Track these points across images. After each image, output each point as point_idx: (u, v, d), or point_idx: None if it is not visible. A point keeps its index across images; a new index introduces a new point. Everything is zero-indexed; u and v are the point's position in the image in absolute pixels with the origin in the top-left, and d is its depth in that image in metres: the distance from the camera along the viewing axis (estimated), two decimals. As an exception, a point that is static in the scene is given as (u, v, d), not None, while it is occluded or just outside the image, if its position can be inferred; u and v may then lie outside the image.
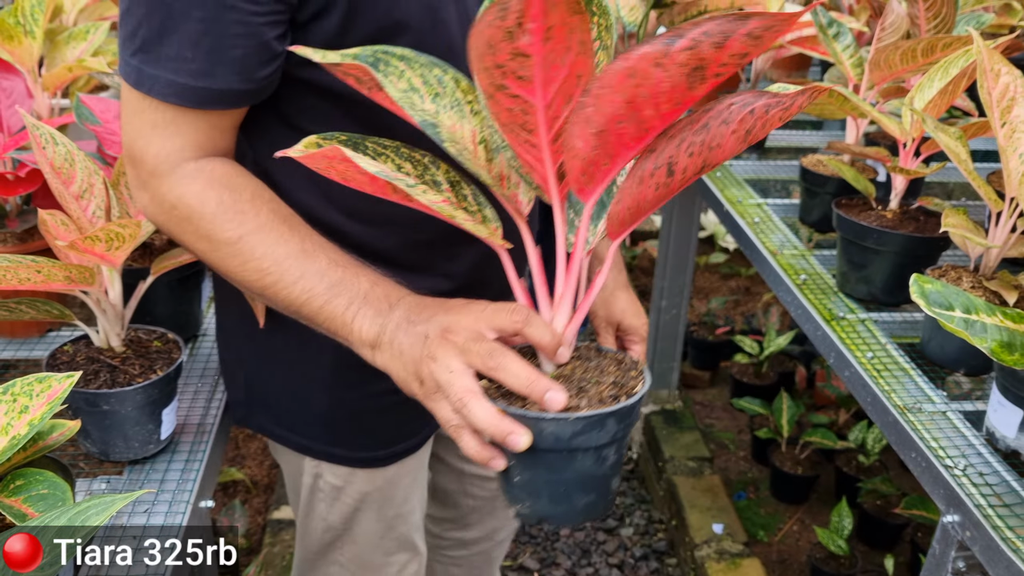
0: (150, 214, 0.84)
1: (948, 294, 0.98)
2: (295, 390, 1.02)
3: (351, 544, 1.13)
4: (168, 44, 0.76)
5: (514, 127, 0.65)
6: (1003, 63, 1.15)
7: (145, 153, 0.80)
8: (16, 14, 1.25)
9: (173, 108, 0.78)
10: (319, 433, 1.03)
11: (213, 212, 0.80)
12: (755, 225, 1.63)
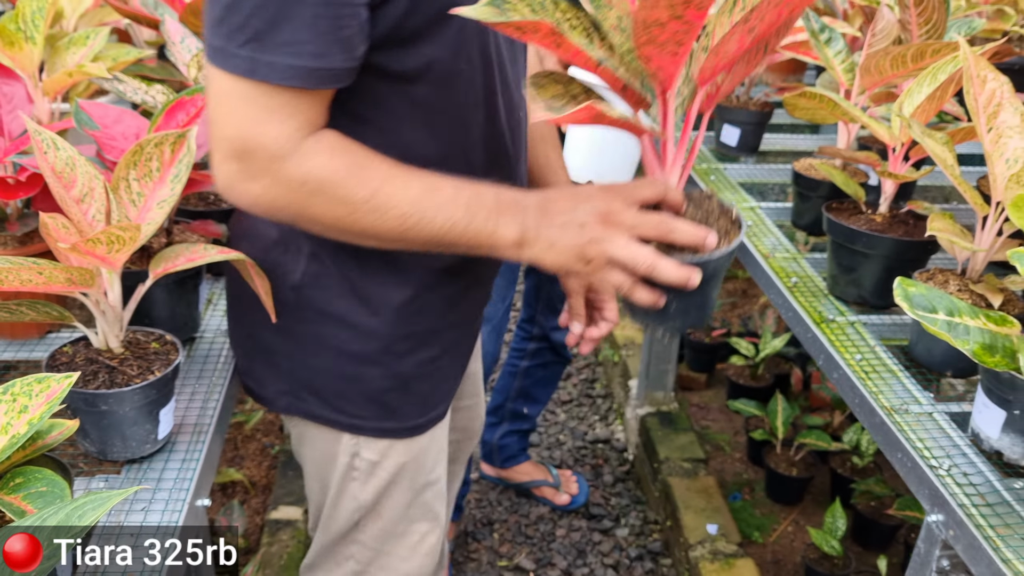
0: (270, 200, 0.86)
1: (932, 297, 1.00)
2: (345, 372, 1.06)
3: (376, 520, 1.17)
4: (284, 30, 0.80)
5: (669, 43, 0.78)
6: (989, 69, 1.17)
7: (263, 139, 0.83)
8: (17, 20, 1.27)
9: (289, 91, 0.82)
10: (369, 409, 1.08)
11: (344, 177, 0.85)
12: (748, 228, 1.65)
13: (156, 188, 1.00)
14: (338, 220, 0.87)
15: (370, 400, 1.07)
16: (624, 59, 0.87)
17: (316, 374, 1.07)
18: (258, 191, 0.86)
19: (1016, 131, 1.15)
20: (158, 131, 1.09)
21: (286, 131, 0.83)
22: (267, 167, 0.84)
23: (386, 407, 1.08)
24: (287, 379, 1.08)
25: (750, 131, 1.96)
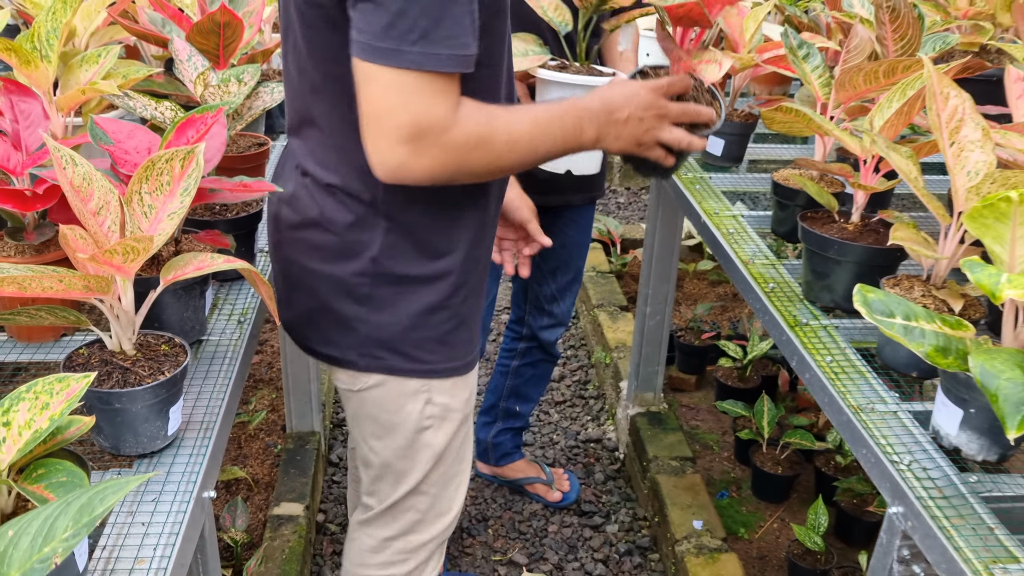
0: (440, 167, 1.06)
1: (890, 302, 1.07)
2: (417, 322, 1.25)
3: (440, 466, 1.36)
4: (443, 28, 0.99)
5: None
6: (952, 87, 1.24)
7: (433, 118, 1.02)
8: (33, 40, 1.34)
9: (448, 76, 1.02)
10: (438, 352, 1.28)
11: (488, 130, 1.08)
12: (729, 236, 1.72)
13: (167, 201, 1.07)
14: (489, 165, 1.10)
15: (439, 343, 1.27)
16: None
17: (392, 331, 1.25)
18: (428, 163, 1.05)
19: (977, 145, 1.22)
20: (169, 147, 1.16)
21: (448, 107, 1.03)
22: (437, 140, 1.03)
23: (451, 347, 1.29)
24: (365, 341, 1.25)
25: (734, 142, 2.03)
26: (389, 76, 1.00)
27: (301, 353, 2.29)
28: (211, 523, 1.12)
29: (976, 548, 0.98)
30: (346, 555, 1.49)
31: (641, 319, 2.40)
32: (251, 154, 1.59)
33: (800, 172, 1.61)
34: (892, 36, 1.77)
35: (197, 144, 1.09)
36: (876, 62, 1.55)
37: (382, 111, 1.02)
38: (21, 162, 1.21)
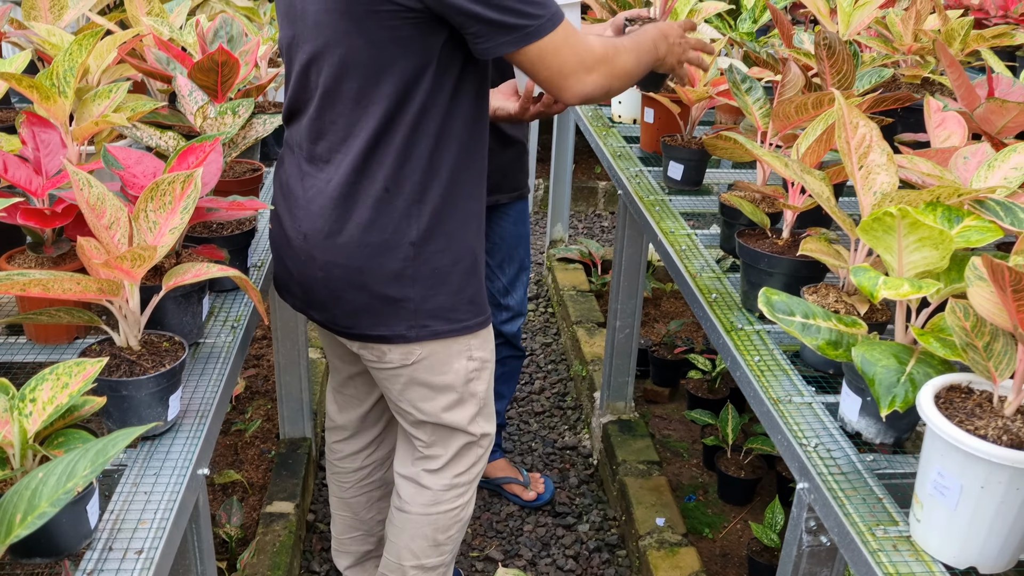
0: (605, 77, 1.46)
1: (792, 303, 1.23)
2: (454, 289, 1.56)
3: (485, 407, 1.72)
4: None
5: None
6: (860, 117, 1.41)
7: (586, 48, 1.43)
8: (52, 77, 1.52)
9: (565, 21, 1.40)
10: (471, 310, 1.59)
11: (612, 41, 1.50)
12: (682, 252, 1.88)
13: (169, 217, 1.24)
14: (624, 63, 1.50)
15: (471, 303, 1.59)
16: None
17: (435, 301, 1.54)
18: (598, 76, 1.45)
19: (883, 168, 1.39)
20: (172, 171, 1.33)
21: (584, 38, 1.43)
22: (590, 58, 1.43)
23: (478, 305, 1.61)
24: (414, 316, 1.54)
25: (692, 167, 2.20)
26: (545, 44, 1.37)
27: (294, 363, 2.46)
28: (204, 496, 1.28)
29: (863, 514, 1.14)
30: (412, 501, 1.77)
31: (612, 333, 2.57)
32: (246, 178, 1.76)
33: (739, 194, 1.77)
34: (830, 71, 1.95)
35: (196, 169, 1.26)
36: (806, 95, 1.72)
37: (560, 64, 1.41)
38: (42, 185, 1.38)
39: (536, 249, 4.20)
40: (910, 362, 1.13)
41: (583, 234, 4.34)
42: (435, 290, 1.54)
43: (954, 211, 1.27)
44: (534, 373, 3.18)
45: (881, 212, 1.18)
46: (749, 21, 2.78)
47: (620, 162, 2.42)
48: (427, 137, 1.45)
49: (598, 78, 1.45)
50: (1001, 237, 1.22)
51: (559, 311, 3.49)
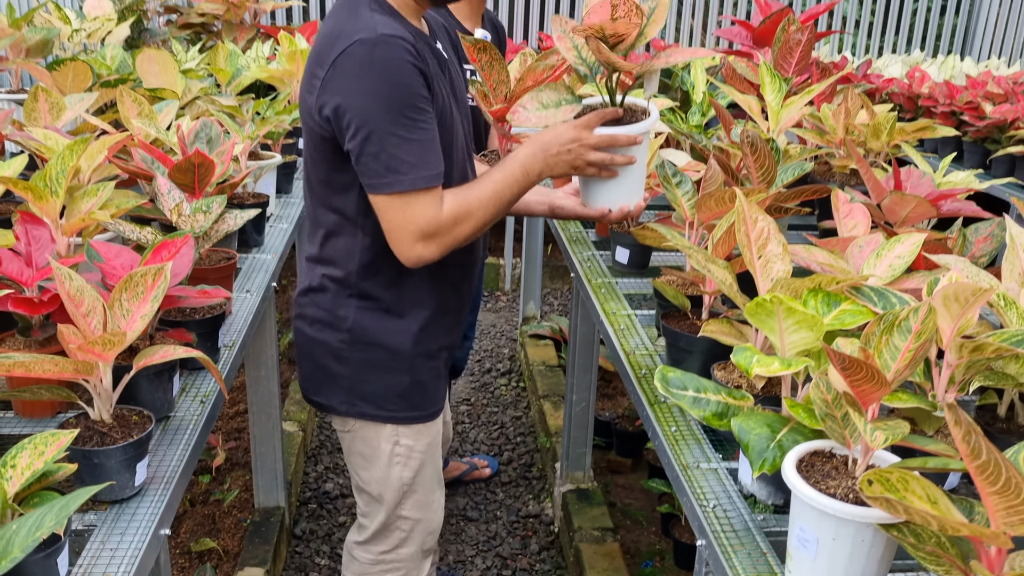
0: (442, 248, 1.53)
1: (686, 379, 1.40)
2: (386, 380, 1.69)
3: (413, 494, 1.79)
4: (423, 155, 1.47)
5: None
6: (759, 212, 1.59)
7: (431, 218, 1.50)
8: (45, 179, 1.71)
9: (430, 191, 1.49)
10: (401, 404, 1.71)
11: (470, 200, 1.54)
12: (620, 331, 2.05)
13: (141, 305, 1.41)
14: (476, 225, 1.55)
15: (400, 397, 1.70)
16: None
17: (366, 386, 1.69)
18: (436, 247, 1.52)
19: (779, 257, 1.57)
20: (147, 264, 1.51)
21: (436, 207, 1.50)
22: (438, 229, 1.51)
23: (412, 402, 1.72)
24: (346, 393, 1.70)
25: (638, 251, 2.39)
26: (397, 201, 1.48)
27: (269, 436, 2.61)
28: (166, 554, 1.42)
29: (747, 567, 1.28)
30: (345, 570, 1.90)
31: (569, 406, 2.72)
32: (220, 266, 1.94)
33: (666, 279, 1.95)
34: (754, 165, 2.15)
35: (166, 263, 1.44)
36: (723, 189, 1.91)
37: (400, 226, 1.50)
38: (32, 276, 1.56)
39: (511, 326, 4.37)
40: (782, 431, 1.29)
41: (558, 311, 4.52)
42: (366, 376, 1.69)
43: (833, 297, 1.44)
44: (503, 445, 3.32)
45: (761, 299, 1.36)
46: (698, 115, 2.99)
47: (575, 246, 2.60)
48: (368, 244, 1.62)
49: (437, 248, 1.53)
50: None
51: (529, 385, 3.65)
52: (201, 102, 2.70)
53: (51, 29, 2.88)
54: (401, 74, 1.44)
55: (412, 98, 1.46)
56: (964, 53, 6.16)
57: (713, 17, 5.85)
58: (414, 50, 1.47)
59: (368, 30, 1.45)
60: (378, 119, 1.44)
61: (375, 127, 1.44)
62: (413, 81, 1.46)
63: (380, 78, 1.43)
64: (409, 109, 1.45)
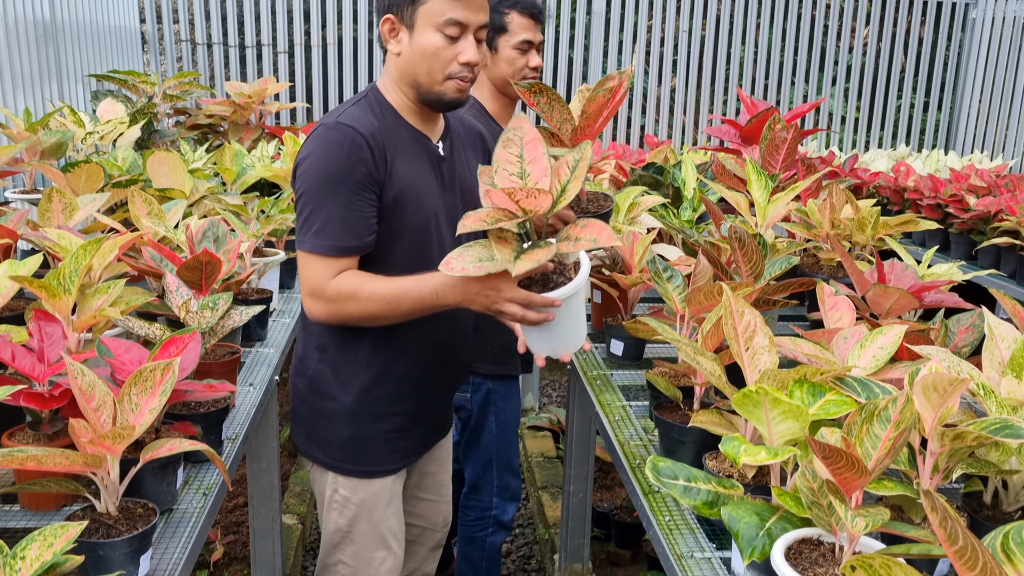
0: (328, 313, 1.71)
1: (676, 469, 1.44)
2: (331, 430, 1.85)
3: (351, 544, 1.91)
4: (328, 227, 1.66)
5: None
6: (745, 306, 1.65)
7: (318, 281, 1.68)
8: (58, 277, 1.78)
9: (329, 258, 1.68)
10: (341, 455, 1.86)
11: (362, 290, 1.67)
12: (615, 422, 2.09)
13: (149, 399, 1.46)
14: (362, 313, 1.68)
15: (342, 449, 1.85)
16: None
17: (318, 432, 1.87)
18: (321, 307, 1.71)
19: (765, 349, 1.62)
20: (155, 360, 1.57)
21: (329, 275, 1.68)
22: (322, 294, 1.69)
23: (350, 455, 1.86)
24: (306, 434, 1.90)
25: (632, 344, 2.44)
26: (304, 255, 1.69)
27: (268, 529, 2.62)
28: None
29: (740, 656, 1.30)
30: None
31: (567, 497, 2.73)
32: (225, 360, 1.99)
33: (658, 371, 2.00)
34: (743, 260, 2.22)
35: (174, 358, 1.50)
36: (712, 283, 1.98)
37: (301, 276, 1.72)
38: (43, 372, 1.61)
39: (511, 416, 4.39)
40: (771, 519, 1.32)
41: (556, 402, 4.55)
42: (318, 423, 1.87)
43: (818, 387, 1.49)
44: (503, 537, 3.31)
45: (748, 390, 1.41)
46: (689, 210, 3.09)
47: (570, 338, 2.66)
48: None
49: (323, 311, 1.71)
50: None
51: (527, 477, 3.65)
52: (208, 201, 2.79)
53: (65, 132, 3.00)
54: (339, 156, 1.66)
55: (342, 178, 1.66)
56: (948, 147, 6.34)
57: (704, 115, 6.04)
58: (364, 141, 1.67)
59: (332, 118, 1.71)
60: (309, 186, 1.68)
61: (305, 191, 1.69)
62: (350, 164, 1.66)
63: (322, 154, 1.67)
64: (336, 186, 1.66)
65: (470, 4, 1.70)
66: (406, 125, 1.81)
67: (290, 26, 5.43)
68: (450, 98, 1.76)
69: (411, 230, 1.78)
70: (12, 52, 3.38)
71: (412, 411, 1.91)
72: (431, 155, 1.84)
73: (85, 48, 4.17)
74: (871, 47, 6.11)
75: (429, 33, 1.70)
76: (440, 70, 1.72)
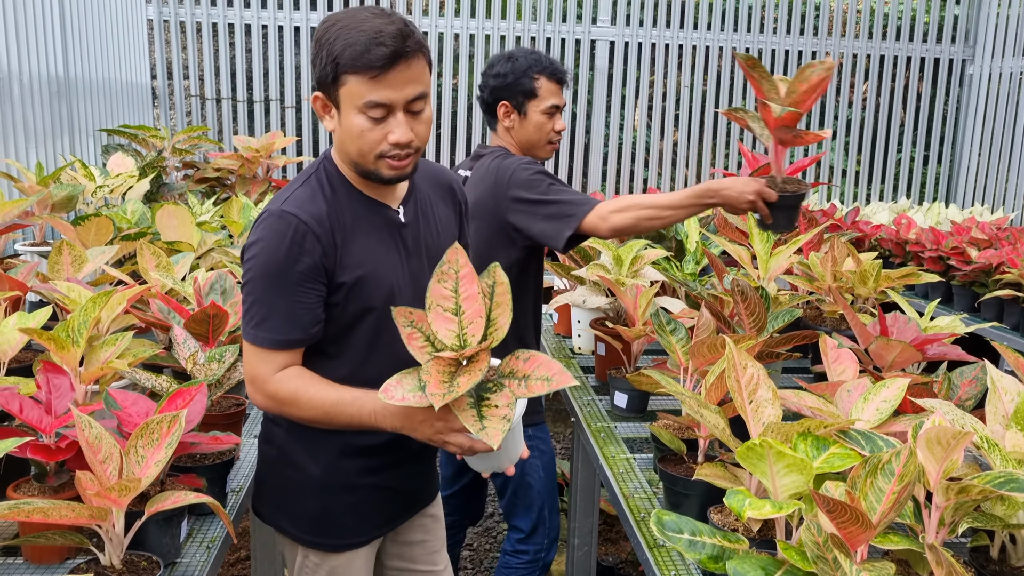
0: (265, 404, 1.63)
1: (681, 522, 1.43)
2: (298, 502, 1.78)
3: None
4: (270, 320, 1.59)
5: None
6: (748, 359, 1.66)
7: (259, 374, 1.61)
8: (67, 330, 1.80)
9: (272, 351, 1.61)
10: (310, 529, 1.78)
11: (301, 394, 1.60)
12: (619, 475, 2.09)
13: (155, 452, 1.47)
14: (300, 415, 1.62)
15: (311, 521, 1.77)
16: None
17: (284, 502, 1.79)
18: (260, 400, 1.64)
19: (768, 403, 1.63)
20: (162, 412, 1.58)
21: (270, 369, 1.61)
22: (262, 388, 1.62)
23: (319, 529, 1.78)
24: (272, 505, 1.82)
25: (636, 396, 2.45)
26: (245, 344, 1.63)
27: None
28: None
29: None
30: None
31: (571, 551, 2.71)
32: (230, 412, 2.00)
33: (662, 424, 2.01)
34: (745, 313, 2.24)
35: (181, 411, 1.51)
36: (715, 336, 1.99)
37: (244, 366, 1.65)
38: (50, 424, 1.62)
39: (515, 469, 4.37)
40: (776, 573, 1.32)
41: (560, 454, 4.53)
42: (286, 494, 1.79)
43: (822, 440, 1.49)
44: (507, 593, 3.27)
45: (752, 443, 1.41)
46: (692, 263, 3.12)
47: (575, 391, 2.67)
48: None
49: (264, 404, 1.64)
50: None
51: (532, 530, 3.62)
52: (215, 253, 2.82)
53: (76, 186, 3.05)
54: (280, 247, 1.58)
55: (285, 270, 1.58)
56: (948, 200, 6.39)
57: (705, 168, 6.10)
58: (308, 230, 1.59)
59: (277, 204, 1.63)
60: (252, 276, 1.61)
61: (248, 280, 1.62)
62: (292, 256, 1.58)
63: (264, 244, 1.59)
64: (279, 278, 1.58)
65: (391, 83, 1.54)
66: (360, 197, 1.69)
67: (298, 81, 5.53)
68: (387, 176, 1.64)
69: (370, 310, 1.68)
70: (26, 107, 3.44)
71: (382, 484, 1.81)
72: (391, 225, 1.72)
73: (97, 103, 4.25)
74: (870, 102, 6.19)
75: (353, 115, 1.57)
76: (370, 151, 1.60)
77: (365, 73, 1.53)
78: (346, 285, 1.63)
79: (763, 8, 5.96)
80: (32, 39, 3.50)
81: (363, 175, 1.67)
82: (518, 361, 1.55)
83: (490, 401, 1.49)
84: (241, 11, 5.39)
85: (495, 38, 5.69)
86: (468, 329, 1.53)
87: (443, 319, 1.53)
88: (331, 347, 1.68)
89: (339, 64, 1.53)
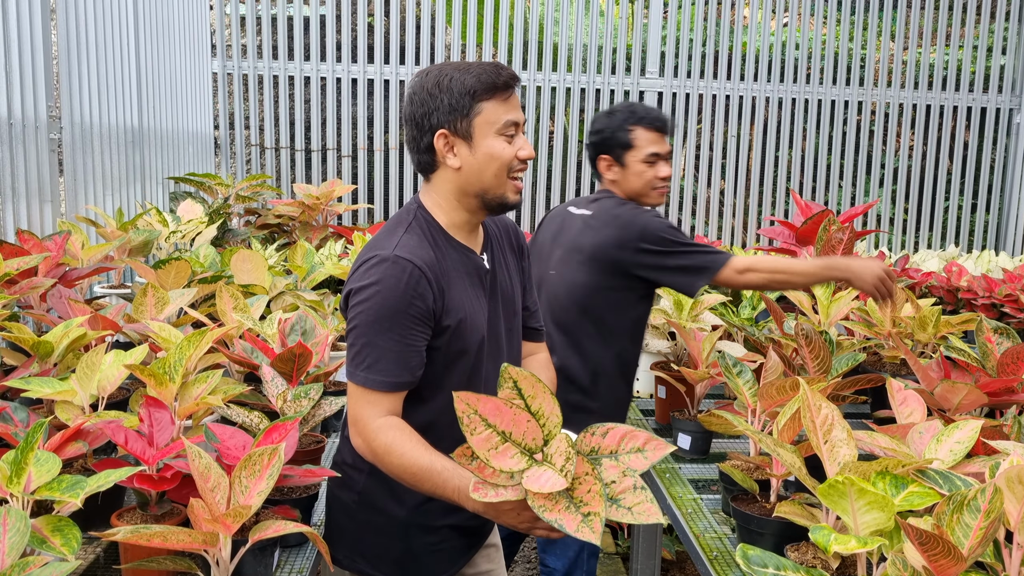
0: (364, 452, 1.64)
1: (766, 557, 1.48)
2: (382, 544, 1.80)
3: None
4: (381, 363, 1.62)
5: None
6: (823, 400, 1.71)
7: (363, 416, 1.63)
8: (165, 366, 1.89)
9: (379, 393, 1.63)
10: (394, 570, 1.81)
11: (394, 451, 1.59)
12: (688, 515, 2.13)
13: (257, 482, 1.54)
14: (392, 472, 1.62)
15: (395, 563, 1.81)
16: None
17: (366, 546, 1.81)
18: (360, 443, 1.64)
19: (844, 443, 1.67)
20: (260, 445, 1.65)
21: (374, 413, 1.63)
22: (363, 432, 1.63)
23: (403, 569, 1.81)
24: (351, 548, 1.82)
25: (700, 438, 2.49)
26: (354, 387, 1.65)
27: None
28: None
29: None
30: None
31: (634, 592, 2.74)
32: (311, 449, 2.08)
33: (734, 464, 2.05)
34: (809, 356, 2.28)
35: (280, 443, 1.59)
36: (784, 379, 2.04)
37: (349, 408, 1.67)
38: (153, 455, 1.71)
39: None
40: (863, 607, 1.35)
41: (612, 499, 4.54)
42: (366, 537, 1.81)
43: (900, 479, 1.53)
44: (564, 636, 3.28)
45: (833, 480, 1.45)
46: (749, 308, 3.17)
47: (636, 433, 2.71)
48: None
49: (362, 448, 1.64)
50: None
51: (588, 574, 3.64)
52: (287, 296, 2.92)
53: (152, 231, 3.18)
54: (396, 290, 1.61)
55: (399, 313, 1.61)
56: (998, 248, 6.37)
57: (752, 216, 6.15)
58: (422, 275, 1.64)
59: (388, 249, 1.66)
60: (364, 319, 1.63)
61: (358, 324, 1.64)
62: (407, 299, 1.62)
63: (379, 288, 1.62)
64: (393, 321, 1.61)
65: (515, 104, 1.72)
66: (456, 244, 1.77)
67: (354, 131, 5.69)
68: (512, 200, 1.75)
69: (465, 353, 1.74)
70: (104, 156, 3.60)
71: (460, 524, 1.85)
72: (479, 272, 1.80)
73: (165, 152, 4.42)
74: (917, 150, 6.23)
75: (491, 139, 1.69)
76: (504, 171, 1.72)
77: (501, 95, 1.68)
78: (450, 328, 1.68)
79: (809, 59, 6.05)
80: (112, 92, 3.68)
81: (487, 205, 1.75)
82: (595, 437, 1.47)
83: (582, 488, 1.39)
84: (301, 64, 5.58)
85: (546, 90, 5.82)
86: (529, 443, 1.43)
87: (501, 455, 1.42)
88: (426, 390, 1.71)
89: (475, 93, 1.66)
